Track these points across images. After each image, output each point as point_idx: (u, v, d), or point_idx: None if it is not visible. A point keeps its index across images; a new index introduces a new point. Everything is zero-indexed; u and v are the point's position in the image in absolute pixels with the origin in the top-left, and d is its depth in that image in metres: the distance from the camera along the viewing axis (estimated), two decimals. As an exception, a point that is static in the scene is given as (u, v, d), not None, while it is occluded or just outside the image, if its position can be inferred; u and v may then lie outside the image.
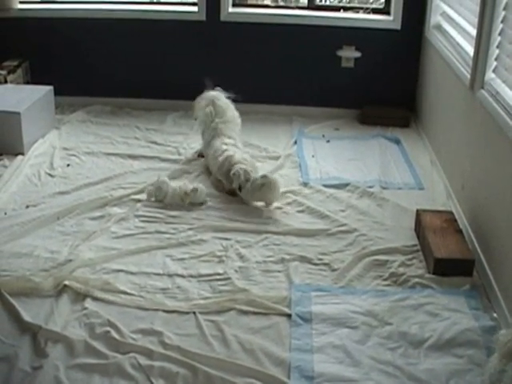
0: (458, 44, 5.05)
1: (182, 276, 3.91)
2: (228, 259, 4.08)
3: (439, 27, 5.75)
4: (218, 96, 5.46)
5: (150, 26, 6.35)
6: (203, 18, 6.28)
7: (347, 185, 5.04)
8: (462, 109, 4.75)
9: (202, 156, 5.36)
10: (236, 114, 5.48)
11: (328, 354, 3.29)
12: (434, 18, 5.88)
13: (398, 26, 6.19)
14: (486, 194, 4.09)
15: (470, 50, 4.58)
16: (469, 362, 3.24)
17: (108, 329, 3.42)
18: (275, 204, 4.69)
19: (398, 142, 5.92)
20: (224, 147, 5.07)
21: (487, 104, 4.07)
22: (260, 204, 4.72)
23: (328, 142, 5.90)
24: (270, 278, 3.92)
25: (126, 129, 6.09)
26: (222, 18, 6.28)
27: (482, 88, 4.26)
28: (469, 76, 4.49)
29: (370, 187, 5.01)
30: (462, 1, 5.08)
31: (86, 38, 6.43)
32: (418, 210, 4.45)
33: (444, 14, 5.71)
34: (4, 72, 6.06)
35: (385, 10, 6.33)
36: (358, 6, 6.46)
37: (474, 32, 4.56)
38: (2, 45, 6.39)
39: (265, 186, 4.63)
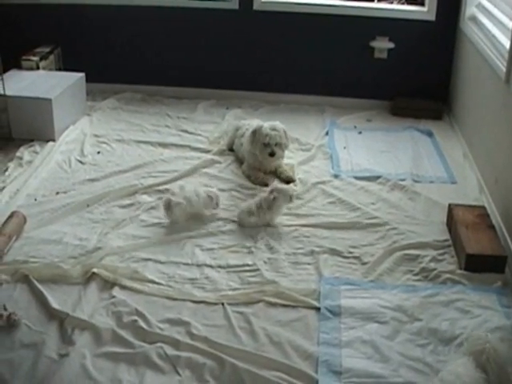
0: (493, 36, 4.96)
1: (211, 266, 3.90)
2: (257, 250, 4.07)
3: (474, 19, 5.66)
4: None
5: (183, 13, 6.32)
6: (236, 6, 6.25)
7: (378, 177, 4.99)
8: (497, 102, 4.68)
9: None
10: None
11: (356, 349, 3.26)
12: (469, 10, 5.80)
13: (432, 17, 6.11)
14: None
15: (506, 42, 4.51)
16: (500, 360, 3.19)
17: (135, 318, 3.42)
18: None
19: (430, 134, 5.85)
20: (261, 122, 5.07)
21: (523, 98, 4.02)
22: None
23: (360, 133, 5.85)
24: (300, 270, 3.90)
25: (156, 117, 6.08)
26: (255, 6, 6.24)
27: (519, 82, 4.20)
28: (504, 69, 4.42)
29: (402, 180, 4.96)
30: (498, -7, 5.02)
31: (118, 25, 6.43)
32: (450, 205, 4.40)
33: (479, 6, 5.62)
34: (36, 58, 6.06)
35: (419, 1, 6.26)
36: (392, -4, 6.41)
37: (510, 24, 4.50)
38: (34, 31, 6.41)
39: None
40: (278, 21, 6.27)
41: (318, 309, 3.55)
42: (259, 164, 4.95)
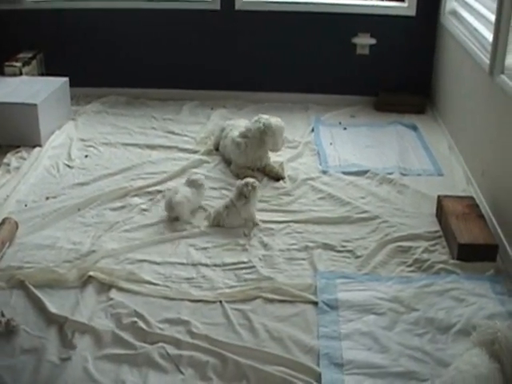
0: (475, 29, 5.02)
1: (207, 265, 3.92)
2: (251, 247, 4.09)
3: (455, 13, 5.72)
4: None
5: (165, 15, 6.33)
6: (218, 7, 6.27)
7: (366, 172, 5.03)
8: (481, 94, 4.73)
9: None
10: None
11: (356, 341, 3.29)
12: (450, 4, 5.86)
13: (412, 12, 6.16)
14: (508, 179, 4.07)
15: (489, 35, 4.56)
16: (497, 346, 3.24)
17: (135, 319, 3.43)
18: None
19: (414, 128, 5.90)
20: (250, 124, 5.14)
21: (508, 89, 4.06)
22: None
23: (345, 129, 5.89)
24: (295, 265, 3.93)
25: (142, 119, 6.08)
26: (237, 6, 6.26)
27: (503, 73, 4.24)
28: (488, 61, 4.46)
29: (390, 174, 5.01)
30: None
31: (100, 28, 6.42)
32: (439, 196, 4.44)
33: (459, 0, 5.67)
34: (19, 64, 6.04)
35: (399, -3, 6.31)
36: (372, -8, 6.44)
37: (492, 17, 4.53)
38: (16, 37, 6.38)
39: None
40: (260, 20, 6.30)
41: (315, 303, 3.58)
42: (250, 163, 4.97)
